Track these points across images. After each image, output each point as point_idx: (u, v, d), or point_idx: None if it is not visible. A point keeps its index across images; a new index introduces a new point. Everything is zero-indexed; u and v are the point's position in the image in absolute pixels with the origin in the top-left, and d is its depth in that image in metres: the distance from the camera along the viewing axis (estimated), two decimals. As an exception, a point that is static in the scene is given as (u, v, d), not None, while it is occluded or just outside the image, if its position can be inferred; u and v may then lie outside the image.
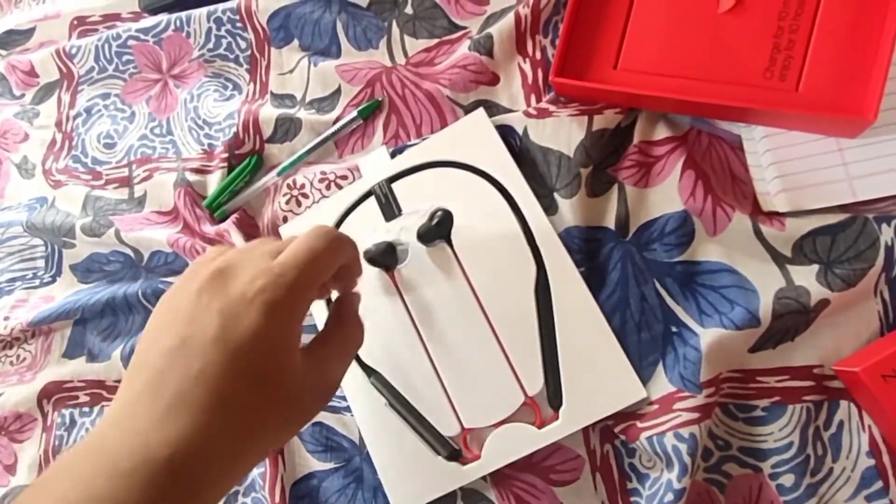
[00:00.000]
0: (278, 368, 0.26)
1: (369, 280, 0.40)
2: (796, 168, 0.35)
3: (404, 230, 0.40)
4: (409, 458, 0.38)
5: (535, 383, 0.37)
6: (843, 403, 0.33)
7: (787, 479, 0.33)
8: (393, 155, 0.43)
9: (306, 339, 0.30)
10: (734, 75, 0.35)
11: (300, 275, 0.27)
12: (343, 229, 0.41)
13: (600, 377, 0.36)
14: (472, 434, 0.38)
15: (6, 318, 0.50)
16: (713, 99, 0.35)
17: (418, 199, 0.40)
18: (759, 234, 0.35)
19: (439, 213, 0.39)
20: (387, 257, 0.40)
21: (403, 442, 0.38)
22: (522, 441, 0.36)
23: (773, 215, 0.35)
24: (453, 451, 0.37)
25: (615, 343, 0.36)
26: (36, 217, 0.50)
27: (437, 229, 0.39)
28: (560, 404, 0.36)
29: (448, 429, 0.38)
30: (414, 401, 0.38)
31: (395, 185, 0.41)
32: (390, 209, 0.41)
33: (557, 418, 0.36)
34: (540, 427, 0.36)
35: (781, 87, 0.34)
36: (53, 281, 0.51)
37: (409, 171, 0.41)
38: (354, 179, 0.44)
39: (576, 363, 0.36)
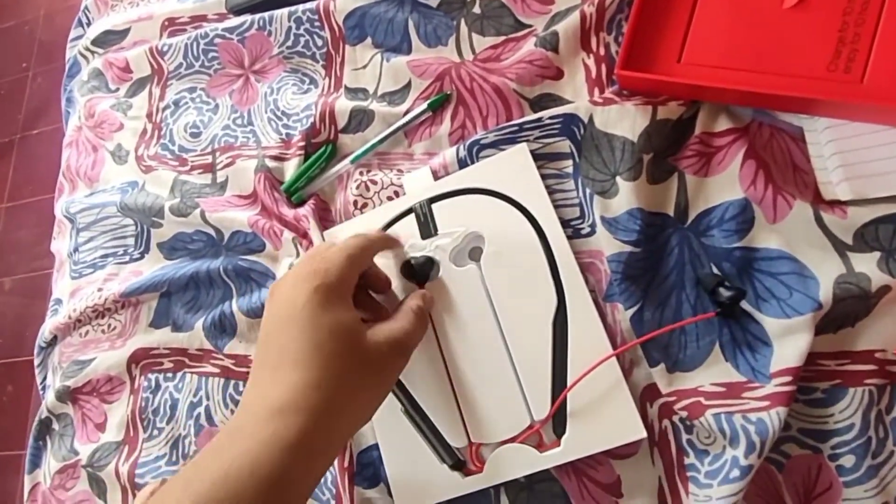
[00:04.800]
0: (339, 329, 0.32)
1: (399, 293, 0.43)
2: (859, 158, 0.36)
3: (438, 249, 0.43)
4: (417, 463, 0.41)
5: (543, 410, 0.38)
6: (907, 388, 0.33)
7: (848, 461, 0.33)
8: (462, 153, 0.45)
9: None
10: (798, 68, 0.36)
11: (340, 267, 0.33)
12: None
13: (604, 413, 0.37)
14: (477, 448, 0.40)
15: (99, 290, 0.54)
16: (778, 90, 0.36)
17: (456, 221, 0.43)
18: (819, 221, 0.35)
19: (473, 237, 0.42)
20: (424, 270, 0.43)
21: (413, 447, 0.41)
22: (523, 462, 0.38)
23: (835, 204, 0.36)
24: (458, 462, 0.40)
25: (622, 381, 0.37)
26: (128, 199, 0.55)
27: (469, 252, 0.42)
28: (563, 433, 0.38)
29: (456, 440, 0.40)
30: (428, 410, 0.41)
31: (434, 206, 0.44)
32: (427, 228, 0.44)
33: (559, 445, 0.38)
34: (541, 451, 0.38)
35: (846, 79, 0.35)
36: (142, 257, 0.55)
37: (450, 195, 0.44)
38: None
39: (582, 397, 0.38)
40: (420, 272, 0.43)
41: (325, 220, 0.49)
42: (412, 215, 0.44)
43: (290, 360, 0.30)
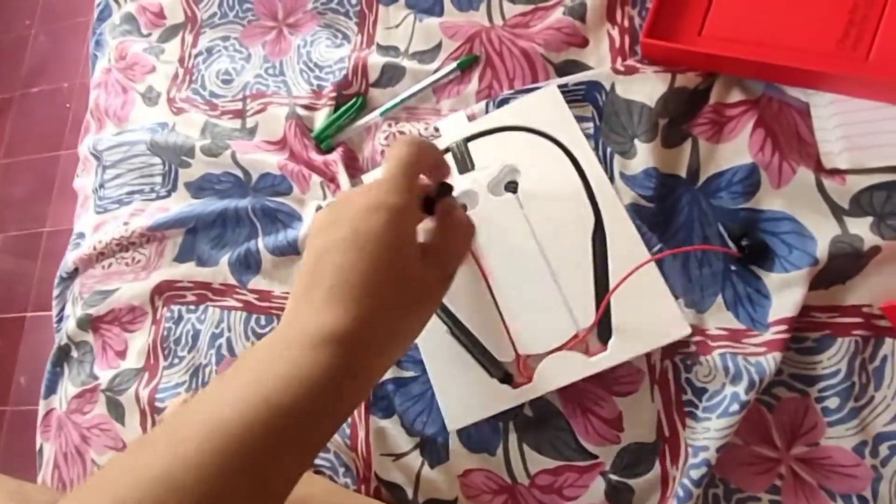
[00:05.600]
0: (401, 257, 0.31)
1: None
2: (860, 131, 0.39)
3: (476, 182, 0.45)
4: (465, 381, 0.42)
5: (587, 319, 0.40)
6: (889, 340, 0.36)
7: (833, 402, 0.36)
8: (491, 108, 0.48)
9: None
10: (811, 44, 0.39)
11: (401, 178, 0.32)
12: None
13: (647, 315, 0.39)
14: (525, 360, 0.41)
15: (126, 223, 0.56)
16: (790, 63, 0.39)
17: (491, 157, 0.46)
18: (820, 187, 0.39)
19: (508, 170, 0.45)
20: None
21: (460, 366, 0.42)
22: (572, 368, 0.40)
23: (835, 172, 0.39)
24: (506, 375, 0.41)
25: (663, 284, 0.39)
26: (159, 137, 0.57)
27: (506, 185, 0.45)
28: (609, 338, 0.40)
29: (503, 355, 0.42)
30: (473, 329, 0.43)
31: (470, 145, 0.46)
32: (464, 164, 0.46)
33: (606, 350, 0.39)
34: (589, 357, 0.40)
35: (853, 56, 0.38)
36: (169, 195, 0.57)
37: (485, 133, 0.46)
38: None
39: (625, 302, 0.40)
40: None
41: (353, 167, 0.51)
42: (449, 154, 0.46)
43: (348, 290, 0.29)
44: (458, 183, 0.45)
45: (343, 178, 0.49)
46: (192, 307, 0.52)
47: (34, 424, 0.58)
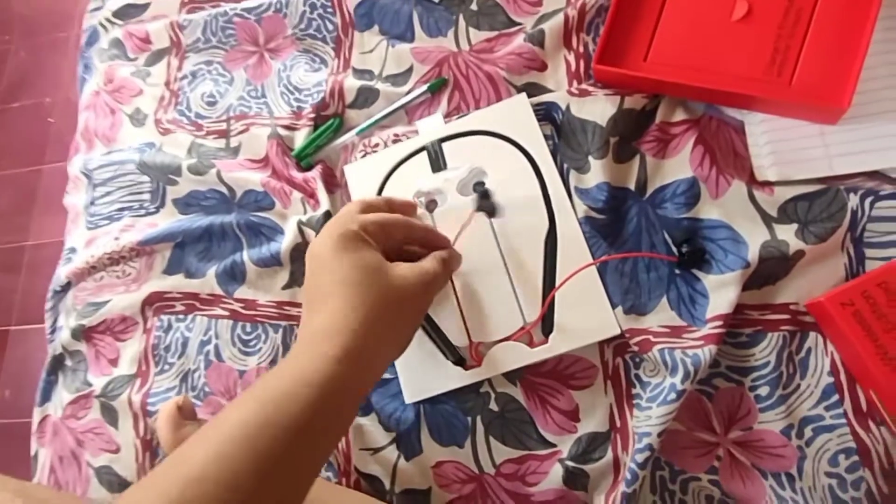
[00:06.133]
0: (351, 252, 0.36)
1: None
2: (787, 147, 0.44)
3: (447, 181, 0.50)
4: (424, 361, 0.47)
5: (534, 314, 0.46)
6: (812, 334, 0.41)
7: (764, 391, 0.41)
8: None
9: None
10: (741, 70, 0.44)
11: (359, 220, 0.38)
12: (394, 177, 0.52)
13: (585, 315, 0.45)
14: (477, 346, 0.47)
15: (116, 239, 0.59)
16: (724, 87, 0.43)
17: (462, 158, 0.50)
18: (752, 197, 0.43)
19: (477, 171, 0.50)
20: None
21: (421, 347, 0.47)
22: (516, 356, 0.45)
23: (765, 184, 0.44)
24: (459, 358, 0.47)
25: (602, 290, 0.45)
26: (147, 157, 0.60)
27: (474, 185, 0.50)
28: (550, 332, 0.45)
29: (459, 340, 0.47)
30: (434, 315, 0.48)
31: (444, 146, 0.51)
32: (438, 163, 0.51)
33: (547, 342, 0.45)
34: (532, 347, 0.45)
35: (779, 81, 0.43)
36: (157, 211, 0.60)
37: (458, 135, 0.51)
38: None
39: (567, 302, 0.45)
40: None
41: (331, 184, 0.54)
42: (424, 153, 0.51)
43: (323, 295, 0.35)
44: (430, 181, 0.50)
45: (322, 193, 0.52)
46: (181, 316, 0.55)
47: (20, 437, 0.60)
